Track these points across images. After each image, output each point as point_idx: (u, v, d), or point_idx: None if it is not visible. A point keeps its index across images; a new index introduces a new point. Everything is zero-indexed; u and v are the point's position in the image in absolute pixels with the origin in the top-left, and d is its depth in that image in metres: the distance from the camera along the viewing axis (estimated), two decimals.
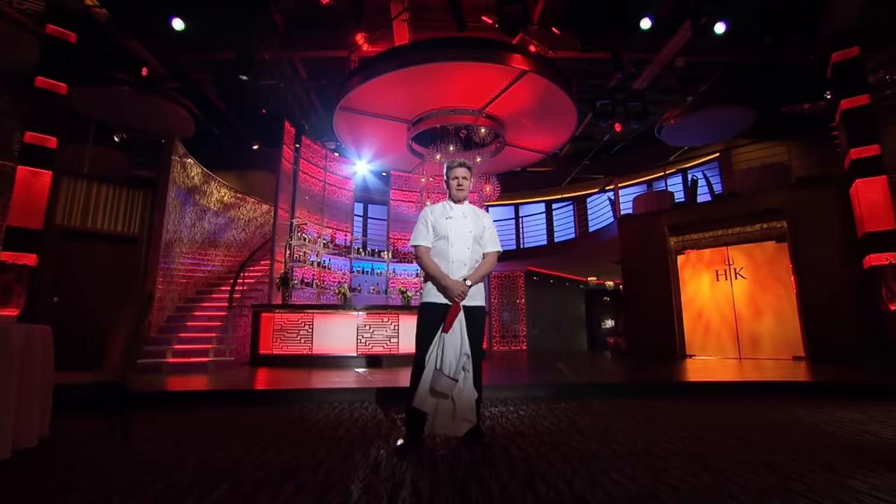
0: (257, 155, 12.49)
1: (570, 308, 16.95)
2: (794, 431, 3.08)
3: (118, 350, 3.50)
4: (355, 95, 8.02)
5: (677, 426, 3.27)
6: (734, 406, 4.10)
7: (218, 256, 9.83)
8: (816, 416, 3.57)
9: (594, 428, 3.23)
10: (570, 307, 17.04)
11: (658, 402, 4.34)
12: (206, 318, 7.93)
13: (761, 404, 4.16)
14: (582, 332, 17.47)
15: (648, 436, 2.98)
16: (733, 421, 3.45)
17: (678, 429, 3.18)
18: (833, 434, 2.98)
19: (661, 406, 4.14)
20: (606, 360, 9.63)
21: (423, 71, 7.35)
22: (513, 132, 9.39)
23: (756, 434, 3.00)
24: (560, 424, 3.38)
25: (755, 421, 3.45)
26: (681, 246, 9.59)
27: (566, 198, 15.76)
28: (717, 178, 11.60)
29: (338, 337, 7.95)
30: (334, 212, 10.94)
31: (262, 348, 7.84)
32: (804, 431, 3.07)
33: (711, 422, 3.42)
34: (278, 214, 9.03)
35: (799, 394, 4.70)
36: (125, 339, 3.51)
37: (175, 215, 7.90)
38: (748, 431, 3.09)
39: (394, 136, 9.56)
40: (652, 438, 2.90)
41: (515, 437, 3.01)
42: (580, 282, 17.31)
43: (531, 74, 7.43)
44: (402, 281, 11.60)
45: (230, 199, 10.47)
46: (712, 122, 9.96)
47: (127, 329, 3.54)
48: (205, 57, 8.58)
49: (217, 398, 4.51)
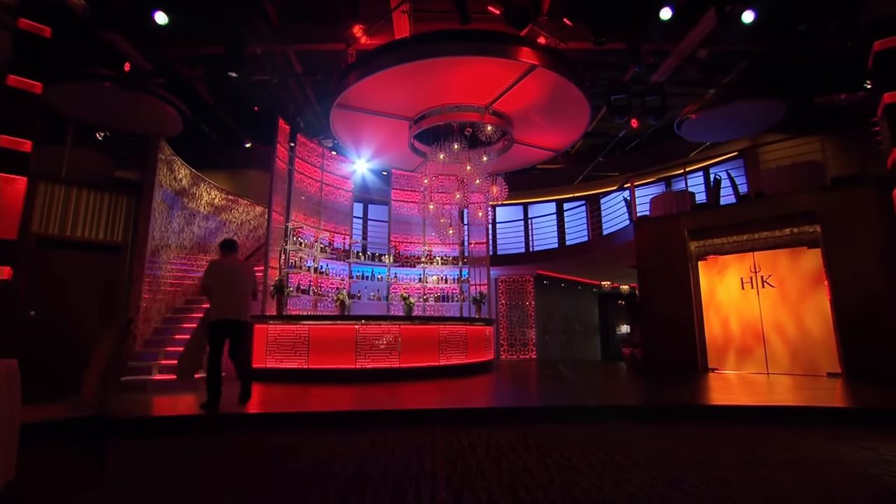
0: (250, 153, 12.46)
1: (582, 313, 16.82)
2: (833, 473, 2.95)
3: (95, 377, 3.45)
4: (353, 92, 7.95)
5: (701, 461, 3.16)
6: (763, 435, 3.98)
7: None
8: (859, 453, 3.42)
9: (607, 464, 3.13)
10: (583, 312, 16.90)
11: (679, 430, 4.22)
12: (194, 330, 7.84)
13: (794, 434, 4.03)
14: (595, 339, 17.32)
15: (668, 475, 2.87)
16: (762, 455, 3.33)
17: (702, 465, 3.07)
18: (881, 479, 2.83)
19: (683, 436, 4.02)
20: (621, 373, 9.50)
21: (425, 66, 7.27)
22: (521, 129, 9.28)
23: (789, 476, 2.88)
24: (571, 458, 3.28)
25: (788, 456, 3.32)
26: (702, 251, 9.44)
27: (578, 197, 15.62)
28: (742, 177, 11.37)
29: (336, 350, 7.92)
30: (332, 213, 10.83)
31: (254, 361, 7.79)
32: (845, 473, 2.94)
33: (739, 458, 3.30)
34: (272, 217, 8.93)
35: (837, 421, 4.53)
36: (103, 365, 3.46)
37: (162, 220, 7.85)
38: (780, 471, 2.96)
39: (394, 134, 9.47)
40: (672, 479, 2.79)
41: (523, 473, 2.91)
42: (593, 285, 17.17)
43: (541, 69, 7.32)
44: (405, 286, 11.51)
45: (221, 202, 10.43)
46: (738, 117, 9.75)
47: (105, 354, 3.48)
48: (192, 51, 8.51)
49: (205, 423, 4.44)
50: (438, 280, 11.80)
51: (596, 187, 15.21)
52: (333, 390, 6.68)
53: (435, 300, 11.71)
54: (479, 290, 11.67)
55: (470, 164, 8.73)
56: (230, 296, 5.17)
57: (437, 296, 11.74)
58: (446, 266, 11.91)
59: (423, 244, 12.03)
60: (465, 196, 9.67)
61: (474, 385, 7.66)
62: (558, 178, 15.40)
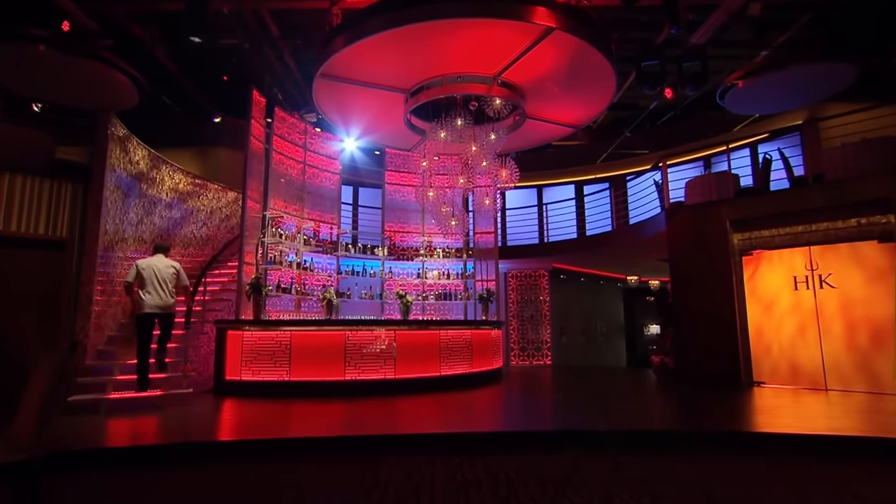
0: (221, 129, 12.21)
1: (605, 311, 16.68)
2: None
3: (31, 414, 3.29)
4: (339, 60, 7.69)
5: None
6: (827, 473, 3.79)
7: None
8: None
9: None
10: (606, 310, 16.76)
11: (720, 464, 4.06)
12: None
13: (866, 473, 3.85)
14: (619, 341, 17.21)
15: None
16: None
17: None
18: None
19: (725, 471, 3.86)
20: (650, 384, 9.38)
21: (423, 29, 7.00)
22: (535, 102, 9.02)
23: None
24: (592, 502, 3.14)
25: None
26: (747, 245, 9.21)
27: (601, 178, 15.37)
28: (798, 155, 11.01)
29: (322, 359, 7.86)
30: (317, 200, 10.70)
31: (228, 373, 7.71)
32: None
33: None
34: (248, 206, 8.78)
35: None
36: (39, 399, 3.30)
37: (116, 211, 7.64)
38: None
39: (389, 108, 9.23)
40: None
41: None
42: (618, 279, 17.01)
43: (559, 32, 7.07)
44: (401, 283, 11.41)
45: (187, 187, 10.25)
46: (796, 83, 9.24)
47: (42, 386, 3.32)
48: (145, 7, 8.17)
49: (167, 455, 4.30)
50: (440, 275, 11.68)
51: (621, 167, 14.94)
52: (318, 407, 6.62)
53: (436, 298, 11.63)
54: (486, 286, 11.55)
55: (476, 144, 8.49)
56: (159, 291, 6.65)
57: (438, 293, 11.66)
58: (449, 259, 11.78)
59: (423, 234, 11.89)
60: (471, 179, 9.47)
61: (480, 400, 7.57)
62: (578, 157, 15.13)
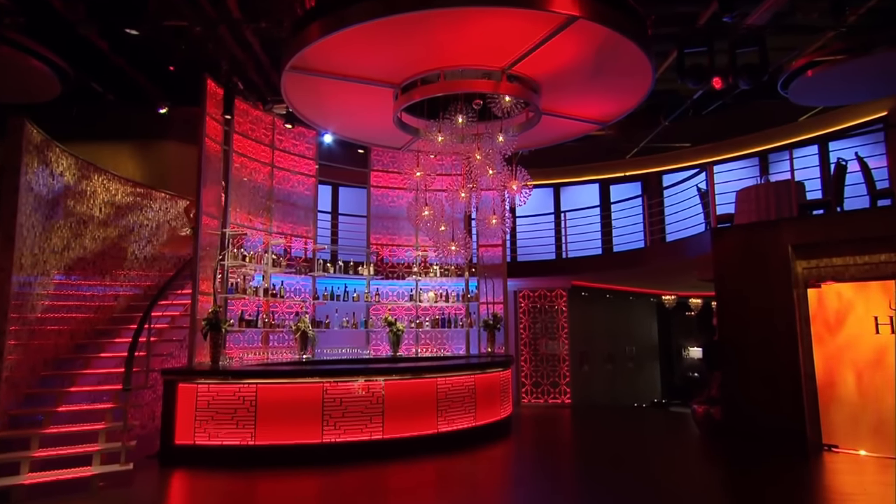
0: (168, 121, 11.87)
1: (635, 331, 16.47)
2: None
3: None
4: (314, 51, 7.31)
5: None
6: None
7: (110, 287, 9.47)
8: None
9: None
10: (636, 330, 16.56)
11: None
12: (89, 394, 7.47)
13: None
14: (653, 368, 17.02)
15: None
16: None
17: None
18: None
19: None
20: (693, 443, 9.07)
21: (420, 18, 6.67)
22: (552, 95, 8.68)
23: None
24: None
25: None
26: (814, 275, 8.88)
27: (631, 177, 15.12)
28: (881, 155, 10.65)
29: (294, 417, 7.72)
30: (288, 209, 10.58)
31: (178, 436, 7.47)
32: None
33: None
34: (202, 222, 8.60)
35: None
36: None
37: (34, 239, 7.33)
38: None
39: (375, 102, 8.89)
40: None
41: None
42: (650, 294, 16.73)
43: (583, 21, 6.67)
44: (390, 306, 11.26)
45: (126, 198, 10.04)
46: (877, 70, 8.94)
47: None
48: None
49: None
50: (437, 297, 11.48)
51: (657, 163, 14.71)
52: (289, 483, 6.53)
53: (432, 325, 11.47)
54: (492, 310, 11.32)
55: (480, 152, 8.14)
56: None
57: (434, 319, 11.49)
58: (448, 277, 11.55)
59: (416, 248, 11.66)
60: (474, 190, 9.18)
61: (485, 470, 7.54)
62: (603, 151, 14.76)
